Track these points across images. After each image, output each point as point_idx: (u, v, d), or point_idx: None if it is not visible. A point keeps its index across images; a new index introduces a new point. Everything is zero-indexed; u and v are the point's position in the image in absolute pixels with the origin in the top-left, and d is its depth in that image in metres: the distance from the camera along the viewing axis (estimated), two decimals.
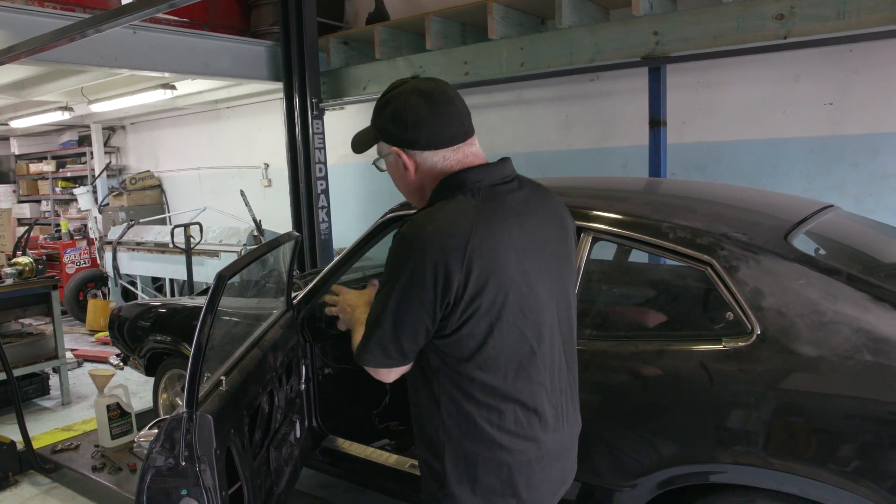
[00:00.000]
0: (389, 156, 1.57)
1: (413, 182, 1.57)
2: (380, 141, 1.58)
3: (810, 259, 2.02)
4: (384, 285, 1.49)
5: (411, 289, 1.44)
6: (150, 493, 1.76)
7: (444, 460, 1.53)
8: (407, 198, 1.66)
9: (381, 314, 1.49)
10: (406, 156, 1.54)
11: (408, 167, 1.55)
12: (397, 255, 1.46)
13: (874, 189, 4.11)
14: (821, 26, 3.58)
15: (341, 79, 5.91)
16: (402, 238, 1.46)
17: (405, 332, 1.48)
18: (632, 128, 4.91)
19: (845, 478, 1.75)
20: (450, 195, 1.51)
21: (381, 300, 1.49)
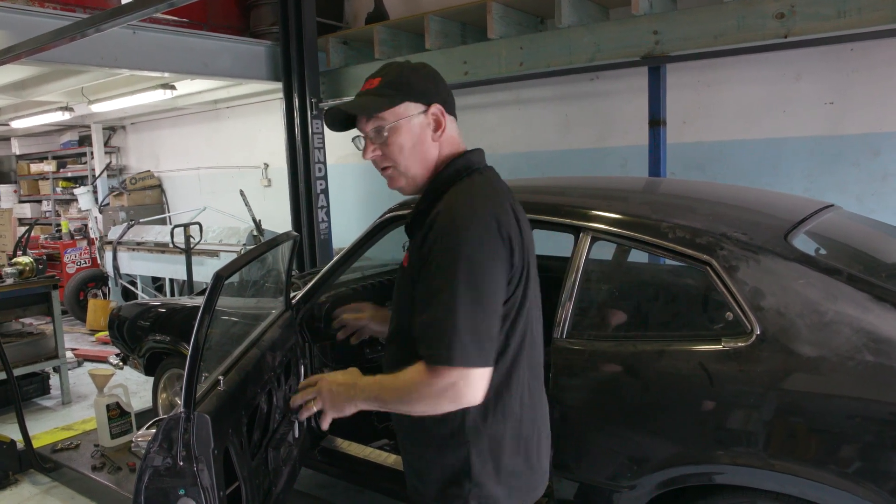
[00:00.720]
0: (416, 117, 1.52)
1: (432, 149, 1.55)
2: (404, 102, 1.51)
3: (810, 259, 2.01)
4: (452, 276, 1.35)
5: (491, 269, 1.38)
6: (147, 492, 1.75)
7: (469, 454, 1.49)
8: (411, 166, 1.54)
9: (468, 305, 1.34)
10: (444, 115, 1.55)
11: (440, 126, 1.54)
12: (461, 238, 1.37)
13: (875, 189, 4.11)
14: (821, 25, 3.58)
15: (341, 79, 5.91)
16: (459, 222, 1.39)
17: (494, 321, 1.39)
18: (631, 127, 4.90)
19: (846, 479, 1.75)
20: (466, 175, 1.54)
21: (457, 290, 1.34)
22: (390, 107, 1.51)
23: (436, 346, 1.36)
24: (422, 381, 1.38)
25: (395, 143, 1.52)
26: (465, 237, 1.38)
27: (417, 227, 1.55)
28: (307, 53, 5.65)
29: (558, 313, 2.23)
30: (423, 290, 1.42)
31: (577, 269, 2.24)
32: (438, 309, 1.36)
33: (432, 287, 1.39)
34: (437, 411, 1.41)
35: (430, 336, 1.37)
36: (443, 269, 1.38)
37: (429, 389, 1.37)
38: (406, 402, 1.42)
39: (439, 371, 1.36)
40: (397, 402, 1.44)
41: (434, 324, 1.37)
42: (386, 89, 1.52)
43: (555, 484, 2.23)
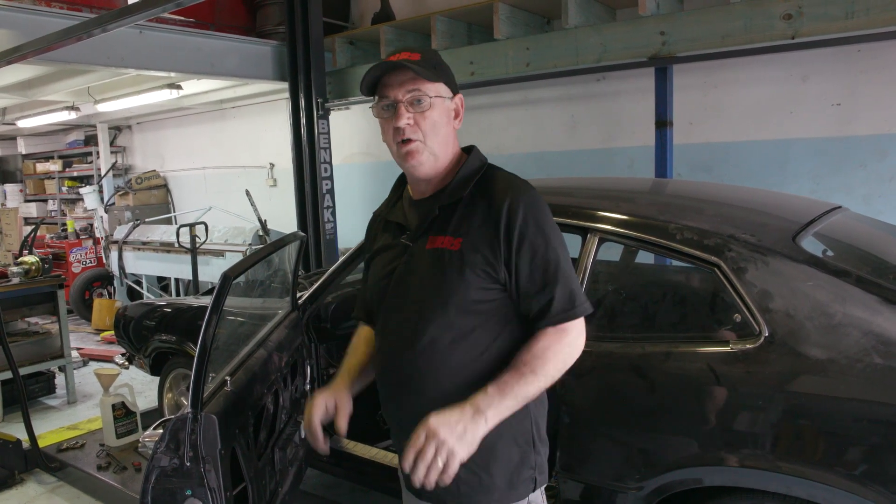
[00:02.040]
0: (447, 101, 1.59)
1: (451, 134, 1.62)
2: (441, 82, 1.58)
3: (819, 261, 2.00)
4: (552, 243, 1.52)
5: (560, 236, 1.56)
6: (154, 493, 1.76)
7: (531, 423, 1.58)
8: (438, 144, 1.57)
9: (568, 265, 1.53)
10: (462, 106, 1.65)
11: (458, 114, 1.64)
12: (543, 210, 1.54)
13: (882, 190, 4.09)
14: (829, 26, 3.57)
15: (347, 79, 5.91)
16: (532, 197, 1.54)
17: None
18: (638, 128, 4.89)
19: (854, 481, 1.74)
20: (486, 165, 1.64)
21: (561, 254, 1.53)
22: (436, 81, 1.57)
23: (578, 302, 1.51)
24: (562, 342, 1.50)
25: (431, 117, 1.55)
26: (544, 208, 1.54)
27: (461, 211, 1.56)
28: (313, 53, 5.65)
29: None
30: (538, 263, 1.50)
31: (584, 270, 2.24)
32: (564, 273, 1.51)
33: (550, 258, 1.51)
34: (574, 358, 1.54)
35: (571, 297, 1.51)
36: (550, 239, 1.52)
37: (571, 348, 1.51)
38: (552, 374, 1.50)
39: (573, 326, 1.51)
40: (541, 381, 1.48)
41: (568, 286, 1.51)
42: (428, 65, 1.56)
43: (561, 484, 2.23)
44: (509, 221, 1.49)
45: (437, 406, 1.47)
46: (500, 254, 1.50)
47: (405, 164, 1.59)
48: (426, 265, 1.55)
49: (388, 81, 1.54)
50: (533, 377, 1.47)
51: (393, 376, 1.62)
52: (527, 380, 1.46)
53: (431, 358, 1.53)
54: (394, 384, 1.62)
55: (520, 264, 1.50)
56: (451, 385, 1.52)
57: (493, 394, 1.45)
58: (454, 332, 1.52)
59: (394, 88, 1.54)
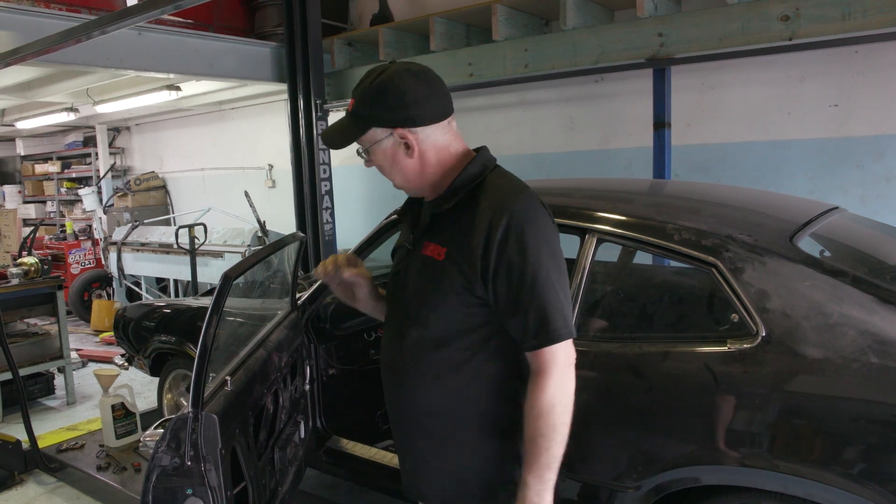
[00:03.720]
0: (385, 140, 1.53)
1: (412, 164, 1.55)
2: (370, 129, 1.53)
3: (816, 261, 2.01)
4: (538, 262, 1.44)
5: (559, 249, 1.49)
6: (155, 492, 1.77)
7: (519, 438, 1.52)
8: (400, 184, 1.59)
9: (557, 284, 1.45)
10: (410, 134, 1.52)
11: (411, 146, 1.52)
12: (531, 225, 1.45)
13: (879, 191, 4.11)
14: (826, 27, 3.58)
15: (345, 80, 5.92)
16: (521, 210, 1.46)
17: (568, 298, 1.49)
18: (636, 129, 4.91)
19: (851, 480, 1.75)
20: (489, 171, 1.57)
21: (548, 272, 1.44)
22: (356, 137, 1.56)
23: (553, 326, 1.43)
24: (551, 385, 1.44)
25: (376, 162, 1.58)
26: (536, 222, 1.46)
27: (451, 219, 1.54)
28: (312, 55, 5.66)
29: None
30: (514, 282, 1.44)
31: (582, 270, 2.25)
32: (542, 294, 1.43)
33: (526, 277, 1.43)
34: (573, 386, 1.48)
35: (545, 320, 1.43)
36: (528, 256, 1.43)
37: (559, 388, 1.45)
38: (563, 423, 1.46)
39: (556, 352, 1.44)
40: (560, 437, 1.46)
41: (544, 308, 1.43)
42: (353, 116, 1.55)
43: (558, 484, 2.23)
44: (489, 236, 1.45)
45: (420, 405, 1.57)
46: (479, 269, 1.47)
47: None
48: (417, 270, 1.59)
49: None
50: (546, 441, 1.45)
51: (386, 369, 1.69)
52: (544, 447, 1.45)
53: (413, 360, 1.58)
54: (387, 377, 1.70)
55: (497, 283, 1.46)
56: (429, 389, 1.58)
57: (534, 483, 1.47)
58: (432, 339, 1.55)
59: None
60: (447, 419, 1.57)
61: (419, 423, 1.61)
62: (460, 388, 1.54)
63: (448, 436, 1.58)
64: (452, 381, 1.55)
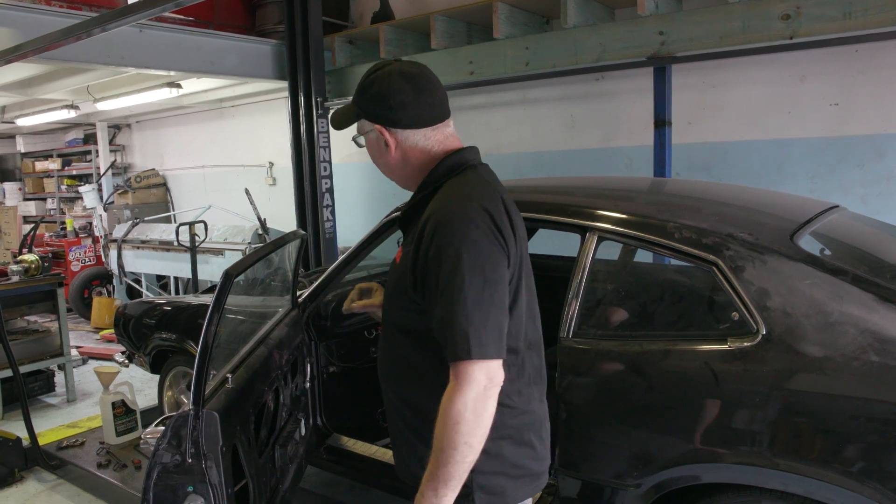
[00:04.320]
0: (371, 132, 1.61)
1: (394, 158, 1.61)
2: (361, 119, 1.62)
3: (816, 259, 2.02)
4: (456, 271, 1.37)
5: (492, 260, 1.41)
6: (156, 489, 1.77)
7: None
8: (386, 174, 1.67)
9: (477, 298, 1.37)
10: (388, 133, 1.58)
11: (389, 144, 1.59)
12: (458, 234, 1.40)
13: (880, 190, 4.11)
14: (827, 26, 3.58)
15: (346, 78, 5.92)
16: (454, 218, 1.42)
17: (503, 312, 1.41)
18: (637, 128, 4.91)
19: (851, 478, 1.75)
20: (459, 171, 1.58)
21: (464, 285, 1.37)
22: (351, 122, 1.65)
23: (455, 342, 1.36)
24: (455, 403, 1.35)
25: (368, 149, 1.66)
26: (462, 232, 1.41)
27: (411, 223, 1.61)
28: (313, 52, 5.66)
29: (564, 313, 2.24)
30: (431, 289, 1.43)
31: (583, 268, 2.25)
32: (452, 306, 1.37)
33: (441, 285, 1.40)
34: (489, 412, 1.38)
35: (450, 333, 1.38)
36: (446, 266, 1.39)
37: (465, 403, 1.35)
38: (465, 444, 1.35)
39: (464, 371, 1.36)
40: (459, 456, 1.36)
41: (450, 321, 1.37)
42: (353, 103, 1.64)
43: (560, 482, 2.24)
44: (419, 243, 1.47)
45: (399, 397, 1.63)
46: (412, 274, 1.49)
47: None
48: (391, 272, 1.68)
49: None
50: (444, 456, 1.36)
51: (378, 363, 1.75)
52: (442, 461, 1.36)
53: (389, 355, 1.67)
54: (378, 371, 1.75)
55: (424, 290, 1.46)
56: (404, 383, 1.63)
57: (429, 495, 1.39)
58: (392, 342, 1.64)
59: None
60: (419, 411, 1.58)
61: (400, 414, 1.65)
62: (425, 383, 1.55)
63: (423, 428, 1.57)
64: (417, 376, 1.59)
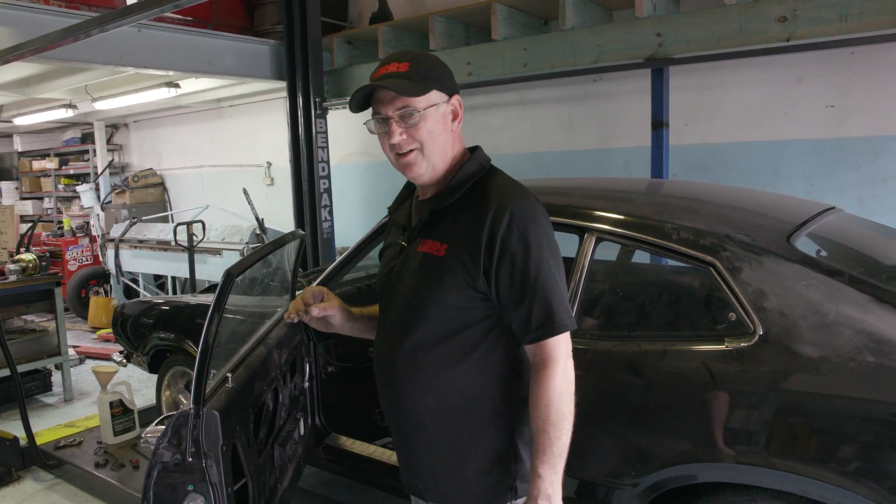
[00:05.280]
0: (441, 105, 1.56)
1: (451, 135, 1.60)
2: (433, 90, 1.54)
3: (812, 260, 2.03)
4: (541, 256, 1.48)
5: (557, 248, 1.53)
6: (156, 488, 1.77)
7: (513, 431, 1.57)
8: (439, 154, 1.57)
9: (558, 279, 1.50)
10: (461, 108, 1.61)
11: (457, 116, 1.60)
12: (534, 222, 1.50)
13: (876, 191, 4.13)
14: (823, 29, 3.60)
15: (344, 78, 5.93)
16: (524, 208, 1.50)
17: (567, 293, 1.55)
18: (634, 129, 4.92)
19: (847, 478, 1.77)
20: (489, 165, 1.64)
21: (550, 267, 1.49)
22: (425, 92, 1.54)
23: (558, 317, 1.47)
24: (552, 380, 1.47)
25: (425, 128, 1.54)
26: (537, 220, 1.50)
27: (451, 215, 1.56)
28: (311, 53, 5.66)
29: None
30: (518, 276, 1.47)
31: (581, 269, 2.26)
32: (545, 287, 1.47)
33: (529, 271, 1.47)
34: (573, 386, 1.50)
35: (549, 312, 1.47)
36: (531, 251, 1.47)
37: (563, 378, 1.48)
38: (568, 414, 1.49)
39: (559, 344, 1.48)
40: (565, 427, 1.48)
41: (548, 300, 1.47)
42: (416, 74, 1.54)
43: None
44: (492, 232, 1.48)
45: (419, 404, 1.58)
46: (481, 264, 1.49)
47: (406, 175, 1.62)
48: (415, 267, 1.59)
49: (378, 97, 1.55)
50: (557, 430, 1.47)
51: (384, 370, 1.67)
52: (555, 436, 1.47)
53: (414, 358, 1.58)
54: (384, 378, 1.68)
55: (500, 276, 1.48)
56: (425, 386, 1.58)
57: (547, 474, 1.47)
58: (434, 336, 1.56)
59: (384, 105, 1.54)
60: (441, 416, 1.57)
61: (414, 421, 1.61)
62: (458, 385, 1.55)
63: (443, 433, 1.58)
64: (449, 377, 1.56)
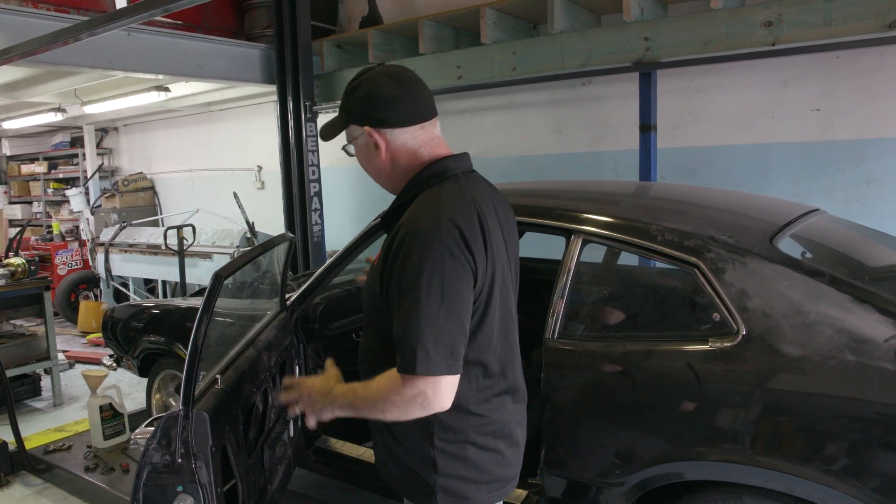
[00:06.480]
0: (360, 137, 1.61)
1: (383, 162, 1.61)
2: (350, 125, 1.62)
3: (795, 261, 2.06)
4: (415, 285, 1.41)
5: (453, 276, 1.42)
6: (146, 489, 1.78)
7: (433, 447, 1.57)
8: (376, 179, 1.69)
9: (432, 313, 1.40)
10: (378, 134, 1.58)
11: (379, 145, 1.59)
12: (423, 247, 1.42)
13: (860, 194, 4.17)
14: (808, 33, 3.64)
15: (335, 82, 5.94)
16: (420, 230, 1.44)
17: (460, 329, 1.45)
18: (623, 132, 4.96)
19: (829, 475, 1.79)
20: (436, 181, 1.58)
21: (420, 299, 1.40)
22: (339, 131, 1.66)
23: (404, 355, 1.42)
24: (392, 389, 1.46)
25: (359, 157, 1.67)
26: (427, 245, 1.42)
27: (388, 227, 1.64)
28: (301, 56, 5.67)
29: (550, 314, 2.27)
30: (395, 298, 1.48)
31: (568, 271, 2.28)
32: (406, 318, 1.42)
33: (401, 295, 1.45)
34: (408, 417, 1.48)
35: (401, 345, 1.43)
36: (407, 277, 1.43)
37: (398, 398, 1.45)
38: (378, 409, 1.50)
39: (408, 380, 1.43)
40: (370, 409, 1.52)
41: (403, 333, 1.43)
42: (340, 110, 1.65)
43: (545, 481, 2.27)
44: (390, 251, 1.50)
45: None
46: (379, 281, 1.54)
47: None
48: (369, 273, 1.70)
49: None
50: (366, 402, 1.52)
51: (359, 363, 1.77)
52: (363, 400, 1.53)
53: (363, 359, 1.72)
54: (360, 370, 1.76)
55: (389, 296, 1.51)
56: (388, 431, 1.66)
57: (344, 395, 1.57)
58: (369, 345, 1.68)
59: None
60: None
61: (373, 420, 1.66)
62: None
63: (390, 432, 1.65)
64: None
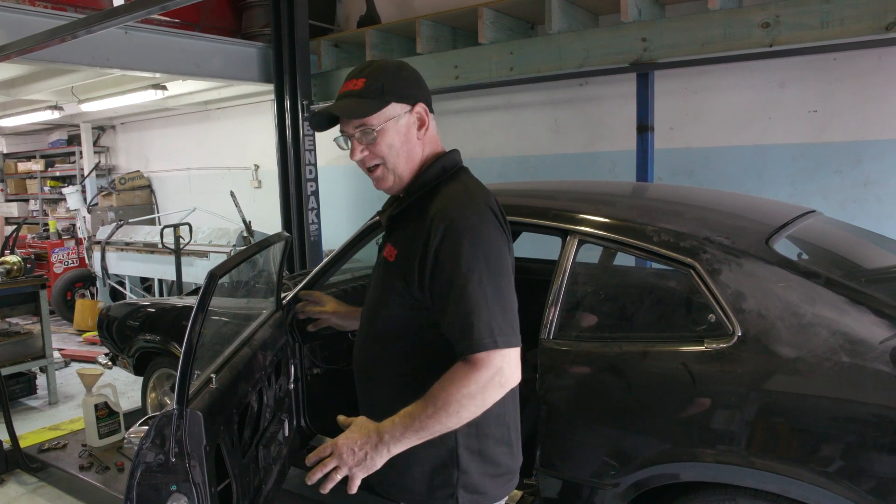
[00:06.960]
0: (400, 118, 1.56)
1: (417, 144, 1.60)
2: (391, 103, 1.55)
3: (790, 263, 2.06)
4: (472, 267, 1.42)
5: (501, 255, 1.47)
6: (139, 489, 1.77)
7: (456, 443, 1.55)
8: (399, 164, 1.59)
9: (495, 290, 1.42)
10: (427, 113, 1.60)
11: (424, 124, 1.60)
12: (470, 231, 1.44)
13: (857, 195, 4.18)
14: (805, 35, 3.65)
15: (332, 81, 5.94)
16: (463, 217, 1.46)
17: (514, 303, 1.48)
18: (620, 133, 4.96)
19: (824, 476, 1.79)
20: (453, 172, 1.62)
21: (482, 279, 1.42)
22: (378, 109, 1.54)
23: (478, 334, 1.39)
24: (464, 380, 1.39)
25: (384, 142, 1.56)
26: (474, 229, 1.46)
27: (405, 221, 1.60)
28: (299, 55, 5.67)
29: (545, 315, 2.27)
30: (444, 288, 1.45)
31: (564, 271, 2.28)
32: (468, 300, 1.41)
33: (455, 283, 1.43)
34: (486, 406, 1.42)
35: (466, 327, 1.40)
36: (461, 263, 1.43)
37: (476, 385, 1.39)
38: (453, 412, 1.40)
39: (482, 361, 1.39)
40: (442, 418, 1.41)
41: (467, 314, 1.40)
42: (371, 91, 1.55)
43: (540, 482, 2.27)
44: (428, 241, 1.48)
45: (373, 402, 1.64)
46: (416, 273, 1.50)
47: (377, 188, 1.67)
48: (378, 271, 1.69)
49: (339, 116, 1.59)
50: (435, 413, 1.41)
51: (355, 364, 1.76)
52: (429, 414, 1.41)
53: (369, 358, 1.68)
54: (356, 371, 1.76)
55: (433, 287, 1.48)
56: (378, 387, 1.66)
57: (399, 425, 1.44)
58: (382, 340, 1.63)
59: (344, 123, 1.59)
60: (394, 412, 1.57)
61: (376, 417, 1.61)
62: (402, 388, 1.58)
63: None
64: (394, 379, 1.61)
